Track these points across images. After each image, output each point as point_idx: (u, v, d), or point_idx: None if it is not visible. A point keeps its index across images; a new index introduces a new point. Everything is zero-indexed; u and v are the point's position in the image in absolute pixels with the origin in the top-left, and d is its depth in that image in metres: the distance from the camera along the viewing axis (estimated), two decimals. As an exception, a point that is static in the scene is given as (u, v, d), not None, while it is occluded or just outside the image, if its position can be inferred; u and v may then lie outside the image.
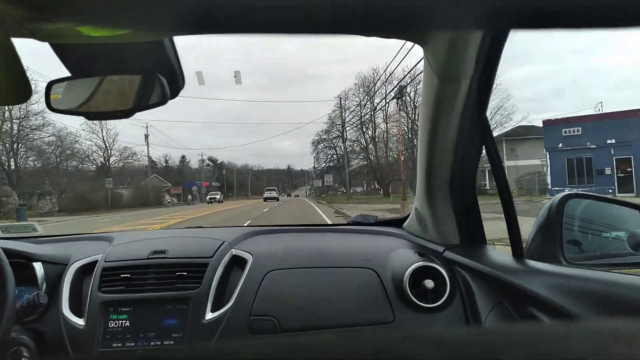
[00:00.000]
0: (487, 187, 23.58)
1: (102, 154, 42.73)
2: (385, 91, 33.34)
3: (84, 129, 44.86)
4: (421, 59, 1.06)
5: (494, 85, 1.07)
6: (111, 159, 43.81)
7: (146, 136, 44.72)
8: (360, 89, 39.57)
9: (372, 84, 37.09)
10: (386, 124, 37.98)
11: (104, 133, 42.57)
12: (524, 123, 30.56)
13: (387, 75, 29.15)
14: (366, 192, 49.79)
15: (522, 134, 28.19)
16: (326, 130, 49.87)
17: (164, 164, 67.44)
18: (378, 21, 0.28)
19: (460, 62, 0.95)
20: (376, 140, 41.10)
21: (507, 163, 24.72)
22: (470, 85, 1.00)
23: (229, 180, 73.03)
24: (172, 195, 47.38)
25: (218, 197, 43.92)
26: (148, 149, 46.14)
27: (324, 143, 51.46)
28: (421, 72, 1.12)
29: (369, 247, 1.49)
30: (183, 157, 69.41)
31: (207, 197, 43.52)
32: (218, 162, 76.05)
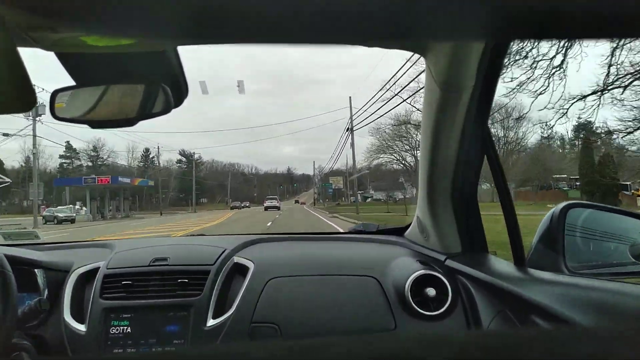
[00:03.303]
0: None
1: None
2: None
3: None
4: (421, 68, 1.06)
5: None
6: None
7: None
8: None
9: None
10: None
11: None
12: None
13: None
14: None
15: None
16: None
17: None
18: (379, 32, 0.29)
19: (462, 72, 0.95)
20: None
21: None
22: (472, 94, 1.00)
23: (197, 180, 51.49)
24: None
25: None
26: None
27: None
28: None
29: (371, 255, 1.49)
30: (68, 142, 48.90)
31: None
32: (194, 156, 57.99)
